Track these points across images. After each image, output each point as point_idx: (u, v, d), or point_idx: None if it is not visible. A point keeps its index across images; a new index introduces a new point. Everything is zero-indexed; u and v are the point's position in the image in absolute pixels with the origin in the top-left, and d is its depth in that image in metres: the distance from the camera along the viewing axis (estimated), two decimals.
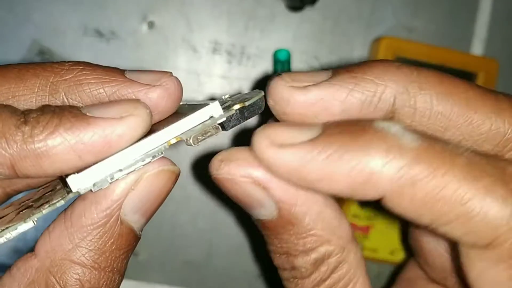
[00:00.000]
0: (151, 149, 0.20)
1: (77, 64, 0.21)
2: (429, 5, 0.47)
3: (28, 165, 0.18)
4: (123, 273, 0.22)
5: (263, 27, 0.46)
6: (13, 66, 0.20)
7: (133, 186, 0.20)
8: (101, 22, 0.44)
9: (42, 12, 0.44)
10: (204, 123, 0.21)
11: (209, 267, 0.47)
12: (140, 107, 0.19)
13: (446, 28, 0.47)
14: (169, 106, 0.21)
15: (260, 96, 0.22)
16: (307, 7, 0.45)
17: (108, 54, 0.44)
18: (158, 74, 0.21)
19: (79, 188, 0.19)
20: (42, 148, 0.18)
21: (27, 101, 0.20)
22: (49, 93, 0.20)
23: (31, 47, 0.44)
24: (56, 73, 0.20)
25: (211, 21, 0.45)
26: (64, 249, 0.20)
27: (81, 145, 0.18)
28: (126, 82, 0.21)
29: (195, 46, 0.45)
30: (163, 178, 0.21)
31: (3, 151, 0.18)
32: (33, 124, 0.18)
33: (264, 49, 0.46)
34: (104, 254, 0.20)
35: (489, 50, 0.48)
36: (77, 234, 0.20)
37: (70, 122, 0.18)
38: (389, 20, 0.47)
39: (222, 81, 0.46)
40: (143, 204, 0.21)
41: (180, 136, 0.20)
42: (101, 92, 0.20)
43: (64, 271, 0.20)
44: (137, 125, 0.19)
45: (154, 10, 0.44)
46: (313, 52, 0.46)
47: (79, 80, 0.20)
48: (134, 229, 0.21)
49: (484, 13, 0.48)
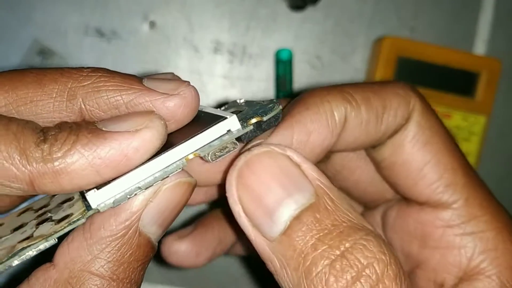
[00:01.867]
0: (169, 165, 0.20)
1: (96, 71, 0.21)
2: (431, 4, 0.47)
3: (47, 182, 0.18)
4: (140, 284, 0.22)
5: (265, 26, 0.45)
6: (30, 71, 0.20)
7: (152, 198, 0.20)
8: (102, 22, 0.44)
9: (43, 11, 0.43)
10: (222, 138, 0.21)
11: (210, 267, 0.47)
12: (154, 119, 0.19)
13: (448, 27, 0.47)
14: (186, 115, 0.21)
15: (278, 110, 0.22)
16: (309, 6, 0.45)
17: (109, 54, 0.44)
18: (176, 83, 0.21)
19: (98, 204, 0.19)
20: (60, 166, 0.18)
21: (44, 106, 0.20)
22: (66, 99, 0.20)
23: (32, 47, 0.43)
24: (75, 79, 0.20)
25: (212, 21, 0.45)
26: (83, 260, 0.20)
27: (99, 160, 0.18)
28: (144, 90, 0.20)
29: (197, 46, 0.45)
30: (180, 190, 0.21)
31: (23, 168, 0.18)
32: (51, 142, 0.18)
33: (266, 49, 0.46)
34: (122, 265, 0.20)
35: (492, 49, 0.48)
36: (96, 246, 0.20)
37: (87, 138, 0.18)
38: (391, 19, 0.47)
39: (223, 80, 0.46)
40: (160, 216, 0.21)
41: (197, 152, 0.20)
42: (118, 100, 0.20)
43: (83, 282, 0.20)
44: (153, 138, 0.19)
45: (155, 10, 0.44)
46: (315, 52, 0.46)
47: (97, 87, 0.20)
48: (152, 240, 0.21)
49: (486, 13, 0.47)
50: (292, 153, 0.21)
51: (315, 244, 0.19)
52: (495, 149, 0.49)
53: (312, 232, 0.20)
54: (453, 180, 0.25)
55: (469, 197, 0.25)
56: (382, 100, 0.25)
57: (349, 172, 0.29)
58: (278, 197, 0.20)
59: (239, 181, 0.21)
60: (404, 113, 0.25)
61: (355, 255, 0.19)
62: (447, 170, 0.25)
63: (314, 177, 0.21)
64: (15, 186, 0.18)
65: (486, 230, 0.24)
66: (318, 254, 0.19)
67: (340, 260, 0.19)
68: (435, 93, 0.45)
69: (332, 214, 0.20)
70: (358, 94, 0.24)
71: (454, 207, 0.25)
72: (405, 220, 0.27)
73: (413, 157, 0.25)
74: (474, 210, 0.25)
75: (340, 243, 0.19)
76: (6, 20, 0.43)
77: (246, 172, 0.21)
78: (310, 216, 0.20)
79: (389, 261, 0.19)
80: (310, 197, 0.20)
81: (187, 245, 0.31)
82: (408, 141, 0.25)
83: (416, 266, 0.27)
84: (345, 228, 0.20)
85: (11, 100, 0.20)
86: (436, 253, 0.25)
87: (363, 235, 0.20)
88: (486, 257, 0.24)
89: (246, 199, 0.21)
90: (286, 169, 0.21)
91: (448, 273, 0.25)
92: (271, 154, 0.21)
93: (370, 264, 0.19)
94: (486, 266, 0.24)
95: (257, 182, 0.21)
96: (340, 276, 0.19)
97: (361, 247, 0.19)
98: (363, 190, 0.29)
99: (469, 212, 0.25)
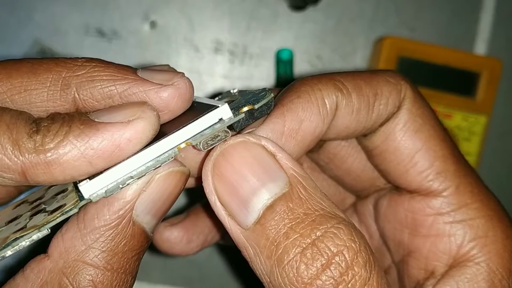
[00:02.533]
0: (161, 154, 0.20)
1: (90, 61, 0.21)
2: (432, 4, 0.47)
3: (39, 173, 0.18)
4: (135, 275, 0.22)
5: (265, 26, 0.45)
6: (27, 61, 0.21)
7: (145, 188, 0.20)
8: (103, 22, 0.44)
9: (44, 11, 0.43)
10: (214, 127, 0.21)
11: (211, 268, 0.47)
12: (147, 110, 0.19)
13: (449, 27, 0.47)
14: (180, 105, 0.21)
15: (270, 98, 0.22)
16: (310, 6, 0.45)
17: (110, 54, 0.44)
18: (171, 74, 0.21)
19: (91, 194, 0.19)
20: (52, 156, 0.18)
21: (38, 95, 0.20)
22: (60, 88, 0.20)
23: (33, 47, 0.43)
24: (69, 68, 0.20)
25: (213, 21, 0.45)
26: (77, 250, 0.20)
27: (91, 151, 0.18)
28: (138, 80, 0.21)
29: (197, 45, 0.45)
30: (173, 179, 0.21)
31: (15, 158, 0.18)
32: (44, 133, 0.18)
33: (266, 49, 0.46)
34: (116, 255, 0.20)
35: (493, 49, 0.48)
36: (90, 236, 0.20)
37: (79, 129, 0.19)
38: (392, 19, 0.47)
39: (224, 80, 0.46)
40: (154, 205, 0.21)
41: (189, 141, 0.21)
42: (112, 89, 0.20)
43: (77, 272, 0.20)
44: (145, 128, 0.19)
45: (156, 9, 0.44)
46: (316, 52, 0.46)
47: (91, 77, 0.20)
48: (146, 230, 0.21)
49: (487, 13, 0.47)
50: (266, 143, 0.21)
51: (287, 232, 0.20)
52: (496, 149, 0.49)
53: (285, 221, 0.20)
54: (444, 168, 0.25)
55: (460, 184, 0.25)
56: (373, 88, 0.25)
57: (341, 161, 0.29)
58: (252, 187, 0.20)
59: (215, 171, 0.21)
60: (395, 101, 0.25)
61: (325, 243, 0.19)
62: (438, 157, 0.25)
63: (288, 166, 0.21)
64: (7, 176, 0.18)
65: (476, 218, 0.25)
66: (290, 243, 0.19)
67: (310, 248, 0.19)
68: (435, 93, 0.45)
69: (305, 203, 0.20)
70: (349, 82, 0.24)
71: (444, 194, 0.25)
72: (396, 208, 0.27)
73: (404, 145, 0.25)
74: (465, 197, 0.25)
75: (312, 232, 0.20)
76: (7, 20, 0.43)
77: (222, 162, 0.21)
78: (283, 205, 0.20)
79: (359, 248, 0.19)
80: (283, 186, 0.20)
81: (178, 232, 0.31)
82: (399, 128, 0.25)
83: (407, 255, 0.27)
84: (317, 216, 0.20)
85: (5, 89, 0.20)
86: (427, 241, 0.26)
87: (335, 223, 0.20)
88: (475, 244, 0.24)
89: (221, 189, 0.21)
90: (261, 159, 0.21)
91: (438, 261, 0.25)
92: (246, 144, 0.21)
93: (340, 251, 0.19)
94: (476, 253, 0.24)
95: (232, 172, 0.21)
96: (310, 264, 0.19)
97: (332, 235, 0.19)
98: (355, 178, 0.29)
99: (460, 199, 0.25)
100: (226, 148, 0.21)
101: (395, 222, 0.27)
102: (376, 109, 0.25)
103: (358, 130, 0.25)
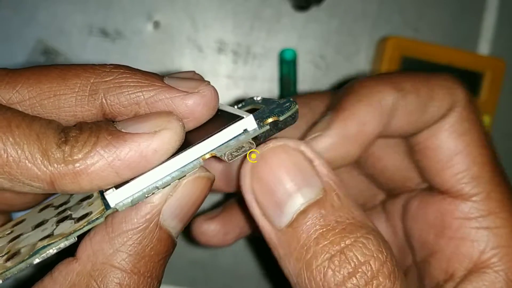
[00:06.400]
0: (186, 165, 0.20)
1: (118, 67, 0.21)
2: (435, 4, 0.47)
3: (67, 182, 0.19)
4: (160, 280, 0.22)
5: (269, 26, 0.45)
6: (55, 67, 0.21)
7: (172, 192, 0.21)
8: (106, 22, 0.44)
9: (47, 11, 0.43)
10: (238, 138, 0.21)
11: (215, 267, 0.47)
12: (173, 121, 0.20)
13: (452, 27, 0.47)
14: (205, 113, 0.21)
15: (294, 110, 0.22)
16: (313, 6, 0.45)
17: (113, 54, 0.44)
18: (197, 82, 0.21)
19: (116, 204, 0.20)
20: (81, 167, 0.18)
21: (67, 100, 0.20)
22: (88, 94, 0.20)
23: (36, 47, 0.43)
24: (97, 74, 0.21)
25: (216, 21, 0.45)
26: (105, 253, 0.20)
27: (118, 161, 0.19)
28: (164, 87, 0.21)
29: (201, 45, 0.45)
30: (199, 184, 0.21)
31: (44, 168, 0.18)
32: (72, 144, 0.19)
33: (270, 49, 0.46)
34: (143, 259, 0.20)
35: (496, 49, 0.48)
36: (117, 239, 0.20)
37: (107, 140, 0.19)
38: (395, 19, 0.47)
39: (227, 81, 0.46)
40: (181, 210, 0.21)
41: (214, 152, 0.21)
42: (139, 96, 0.21)
43: (104, 275, 0.20)
44: (171, 139, 0.19)
45: (159, 9, 0.44)
46: (319, 52, 0.46)
47: (118, 83, 0.21)
48: (172, 234, 0.21)
49: (490, 13, 0.47)
50: (305, 149, 0.22)
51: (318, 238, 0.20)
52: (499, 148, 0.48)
53: (316, 227, 0.21)
54: (479, 174, 0.25)
55: (491, 192, 0.25)
56: (429, 91, 0.25)
57: (378, 159, 0.30)
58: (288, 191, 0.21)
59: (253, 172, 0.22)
60: (448, 104, 0.26)
61: (353, 252, 0.20)
62: (476, 163, 0.26)
63: (324, 173, 0.22)
64: (36, 185, 0.19)
65: (501, 227, 0.25)
66: (320, 248, 0.20)
67: (339, 256, 0.20)
68: None
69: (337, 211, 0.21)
70: (407, 84, 0.25)
71: (475, 199, 0.25)
72: (426, 209, 0.28)
73: (446, 145, 0.26)
74: (494, 205, 0.25)
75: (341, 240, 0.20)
76: (10, 20, 0.43)
77: (261, 163, 0.22)
78: (316, 212, 0.21)
79: (385, 259, 0.20)
80: (318, 193, 0.21)
81: (216, 226, 0.33)
82: (445, 129, 0.26)
83: (430, 255, 0.27)
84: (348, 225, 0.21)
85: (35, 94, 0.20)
86: (451, 243, 0.26)
87: (364, 233, 0.21)
88: (497, 252, 0.25)
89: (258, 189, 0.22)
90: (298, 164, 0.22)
91: (459, 264, 0.26)
92: (285, 148, 0.22)
93: (367, 261, 0.20)
94: (496, 262, 0.25)
95: (270, 174, 0.22)
96: (337, 271, 0.20)
97: (361, 245, 0.20)
98: (388, 177, 0.30)
99: (489, 207, 0.25)
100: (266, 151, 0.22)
101: (423, 223, 0.28)
102: (429, 112, 0.25)
103: (410, 131, 0.26)
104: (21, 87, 0.20)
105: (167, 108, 0.21)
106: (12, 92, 0.20)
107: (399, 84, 0.25)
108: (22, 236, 0.21)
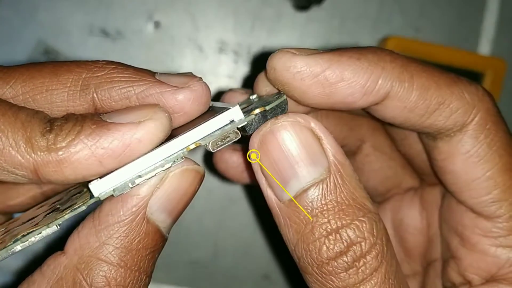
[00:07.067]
0: (170, 155, 0.20)
1: (110, 63, 0.21)
2: (436, 4, 0.47)
3: (51, 171, 0.19)
4: (150, 274, 0.22)
5: (269, 26, 0.45)
6: (49, 63, 0.21)
7: (159, 185, 0.21)
8: (107, 22, 0.44)
9: (48, 11, 0.43)
10: (223, 128, 0.21)
11: (215, 267, 0.47)
12: (158, 112, 0.20)
13: (453, 27, 0.47)
14: (195, 108, 0.21)
15: (282, 99, 0.23)
16: (314, 6, 0.45)
17: (114, 54, 0.44)
18: (187, 78, 0.22)
19: (100, 193, 0.20)
20: (64, 155, 0.19)
21: (59, 95, 0.21)
22: (80, 88, 0.21)
23: (37, 47, 0.43)
24: (89, 70, 0.21)
25: (217, 21, 0.45)
26: (91, 246, 0.20)
27: (101, 150, 0.19)
28: (155, 82, 0.21)
29: (201, 45, 0.45)
30: (188, 177, 0.21)
31: (27, 156, 0.18)
32: (56, 132, 0.19)
33: (270, 49, 0.46)
34: (130, 252, 0.20)
35: (497, 49, 0.48)
36: (104, 232, 0.20)
37: (90, 129, 0.19)
38: (396, 19, 0.47)
39: (228, 80, 0.46)
40: (169, 203, 0.21)
41: (199, 142, 0.21)
42: (130, 90, 0.21)
43: (91, 268, 0.20)
44: (156, 129, 0.19)
45: (160, 9, 0.44)
46: None
47: (110, 78, 0.21)
48: (161, 229, 0.21)
49: (491, 13, 0.47)
50: (315, 126, 0.22)
51: (317, 215, 0.22)
52: None
53: (317, 205, 0.22)
54: (501, 197, 0.25)
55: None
56: (442, 96, 0.24)
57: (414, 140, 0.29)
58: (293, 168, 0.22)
59: (263, 143, 0.22)
60: (459, 120, 0.24)
61: (347, 232, 0.22)
62: (498, 187, 0.25)
63: (331, 152, 0.22)
64: (19, 173, 0.19)
65: None
66: (318, 225, 0.22)
67: (334, 235, 0.22)
68: None
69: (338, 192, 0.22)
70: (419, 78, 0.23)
71: (497, 220, 0.25)
72: (452, 215, 0.28)
73: (463, 170, 0.25)
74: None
75: (338, 220, 0.22)
76: (11, 20, 0.43)
77: (270, 137, 0.22)
78: (318, 190, 0.22)
79: (375, 241, 0.22)
80: (322, 172, 0.22)
81: (238, 159, 0.33)
82: (461, 152, 0.25)
83: (452, 257, 0.28)
84: (347, 206, 0.22)
85: (28, 89, 0.20)
86: (471, 255, 0.26)
87: (360, 215, 0.22)
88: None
89: (265, 162, 0.22)
90: (306, 141, 0.22)
91: (477, 275, 0.26)
92: (295, 124, 0.22)
93: (358, 242, 0.22)
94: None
95: (277, 149, 0.22)
96: (331, 248, 0.22)
97: (355, 227, 0.22)
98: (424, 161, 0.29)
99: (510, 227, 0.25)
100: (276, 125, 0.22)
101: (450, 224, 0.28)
102: (433, 118, 0.24)
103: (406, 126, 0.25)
104: (15, 82, 0.20)
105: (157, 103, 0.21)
106: (6, 87, 0.20)
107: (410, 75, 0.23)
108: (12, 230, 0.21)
